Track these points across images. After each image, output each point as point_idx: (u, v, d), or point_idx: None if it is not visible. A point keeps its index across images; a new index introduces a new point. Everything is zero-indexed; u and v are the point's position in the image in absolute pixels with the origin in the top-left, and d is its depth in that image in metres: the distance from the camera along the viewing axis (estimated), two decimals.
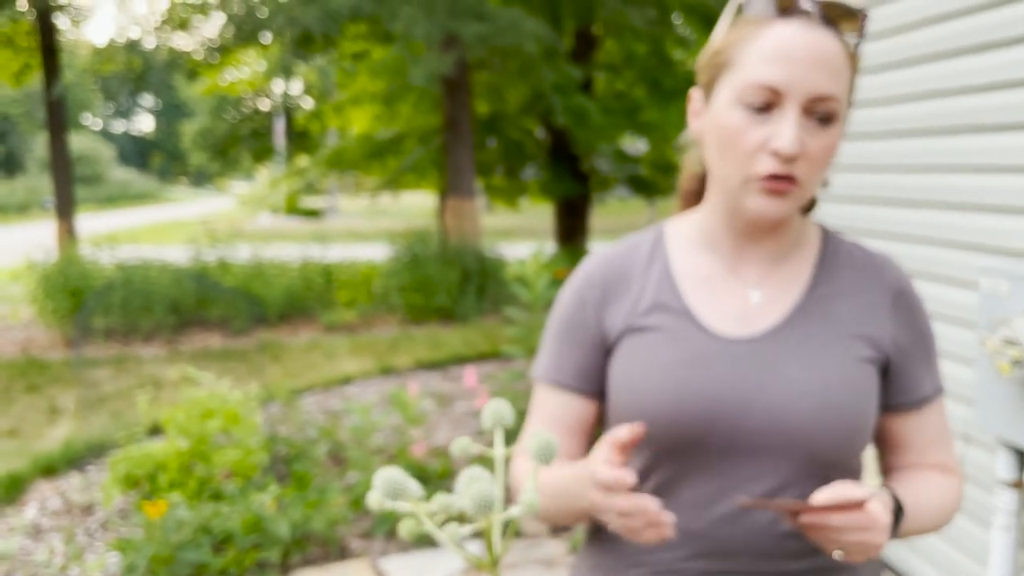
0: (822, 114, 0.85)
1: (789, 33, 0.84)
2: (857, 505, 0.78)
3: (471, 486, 0.78)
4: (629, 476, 0.79)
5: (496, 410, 0.89)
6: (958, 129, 2.34)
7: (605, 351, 0.97)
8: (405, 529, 0.88)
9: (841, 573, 0.94)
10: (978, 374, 1.97)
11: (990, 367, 1.91)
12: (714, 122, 0.90)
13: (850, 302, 0.94)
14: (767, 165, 0.85)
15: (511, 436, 0.89)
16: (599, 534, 1.00)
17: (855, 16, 0.86)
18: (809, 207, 1.02)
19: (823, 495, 0.80)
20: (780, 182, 0.85)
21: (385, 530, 3.26)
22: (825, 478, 0.90)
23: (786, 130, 0.83)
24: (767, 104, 0.85)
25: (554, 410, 1.00)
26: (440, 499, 0.86)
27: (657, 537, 0.81)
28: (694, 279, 0.96)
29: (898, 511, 0.89)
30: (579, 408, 1.00)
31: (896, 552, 2.71)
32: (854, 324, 0.93)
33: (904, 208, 2.59)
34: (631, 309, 0.96)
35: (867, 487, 0.84)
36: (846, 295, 0.94)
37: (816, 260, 0.96)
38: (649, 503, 0.79)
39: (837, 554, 0.82)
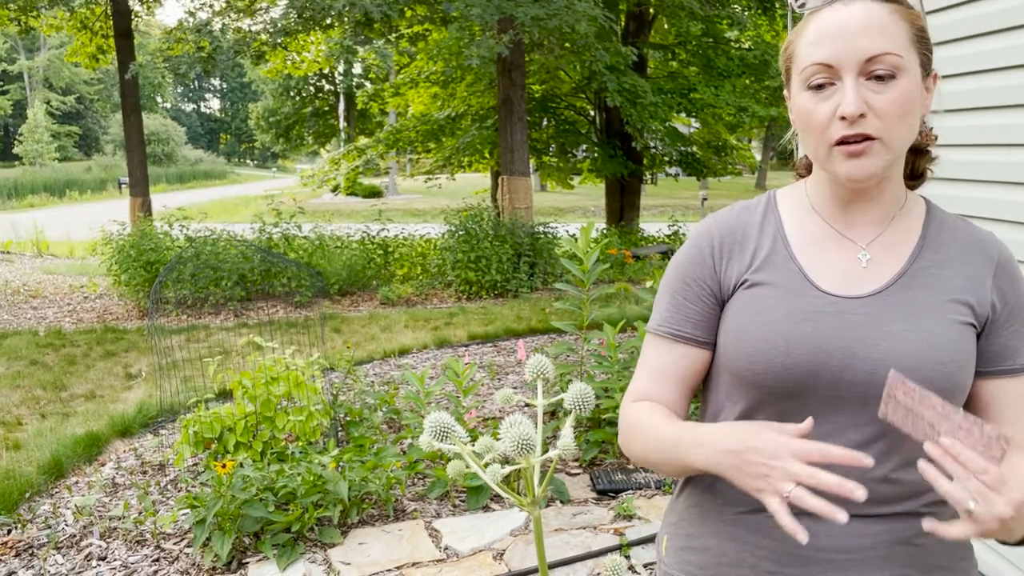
0: (882, 71, 0.91)
1: (828, 15, 0.93)
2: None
3: (512, 429, 0.85)
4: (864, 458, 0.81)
5: (538, 364, 0.96)
6: (1014, 104, 2.30)
7: (721, 303, 1.04)
8: (452, 470, 0.96)
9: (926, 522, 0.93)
10: None
11: None
12: (793, 110, 0.99)
13: (953, 271, 0.98)
14: (838, 131, 0.92)
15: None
16: (697, 478, 1.08)
17: None
18: (913, 176, 1.07)
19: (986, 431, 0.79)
20: (855, 143, 0.92)
21: (438, 493, 3.39)
22: None
23: (847, 95, 0.90)
24: (826, 81, 0.92)
25: (668, 361, 1.06)
26: (484, 441, 0.94)
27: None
28: (804, 240, 1.02)
29: None
30: (692, 357, 1.06)
31: None
32: (956, 291, 0.97)
33: (959, 184, 2.56)
34: (747, 265, 1.03)
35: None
36: (949, 265, 0.99)
37: (921, 231, 1.02)
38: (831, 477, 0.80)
39: (970, 504, 0.79)
